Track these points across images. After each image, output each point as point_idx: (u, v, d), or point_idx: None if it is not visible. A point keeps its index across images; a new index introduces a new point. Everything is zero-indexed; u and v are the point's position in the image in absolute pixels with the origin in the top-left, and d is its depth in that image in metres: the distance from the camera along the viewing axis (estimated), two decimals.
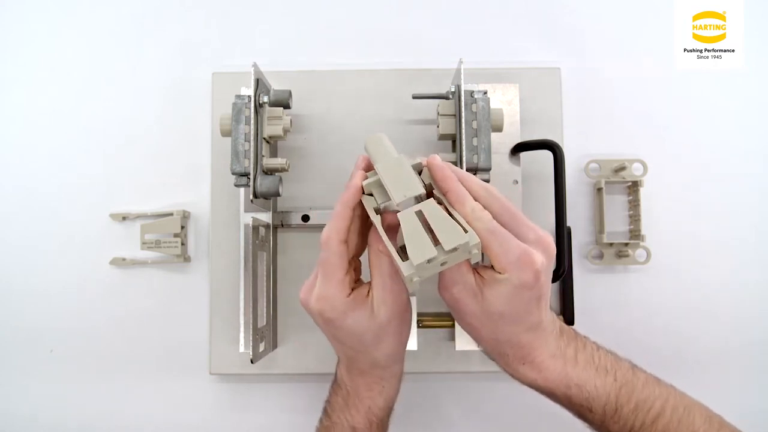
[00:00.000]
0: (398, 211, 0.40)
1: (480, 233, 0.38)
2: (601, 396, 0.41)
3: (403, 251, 0.39)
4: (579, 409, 0.42)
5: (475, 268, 0.41)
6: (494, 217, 0.40)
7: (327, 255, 0.42)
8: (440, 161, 0.42)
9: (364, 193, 0.42)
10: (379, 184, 0.41)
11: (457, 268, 0.40)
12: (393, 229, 0.42)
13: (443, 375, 0.66)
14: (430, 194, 0.42)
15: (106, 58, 0.69)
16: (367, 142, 0.44)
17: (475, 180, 0.42)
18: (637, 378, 0.43)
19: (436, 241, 0.38)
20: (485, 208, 0.40)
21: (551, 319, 0.43)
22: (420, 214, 0.39)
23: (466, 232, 0.38)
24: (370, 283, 0.43)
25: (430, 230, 0.38)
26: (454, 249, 0.37)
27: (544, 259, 0.39)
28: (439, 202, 0.40)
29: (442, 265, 0.38)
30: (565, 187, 0.58)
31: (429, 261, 0.37)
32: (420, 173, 0.42)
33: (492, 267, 0.40)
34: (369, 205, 0.42)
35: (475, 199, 0.40)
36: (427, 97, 0.61)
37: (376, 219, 0.41)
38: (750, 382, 0.66)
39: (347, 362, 0.47)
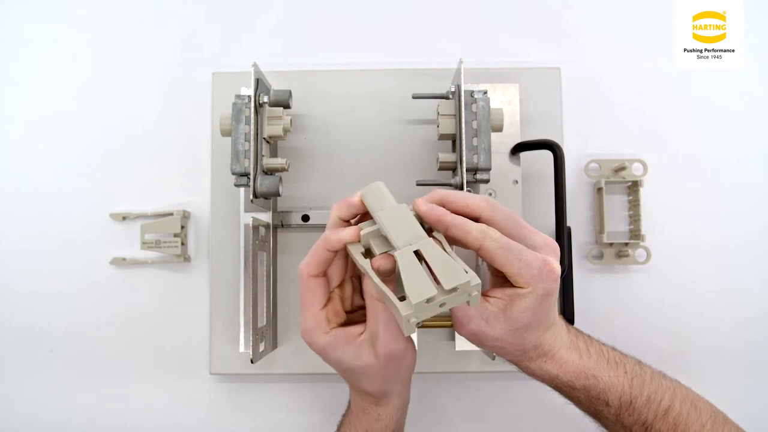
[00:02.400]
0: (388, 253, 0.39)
1: (494, 253, 0.37)
2: (615, 387, 0.42)
3: (398, 294, 0.37)
4: (596, 403, 0.42)
5: (486, 293, 0.40)
6: (502, 230, 0.39)
7: (301, 291, 0.42)
8: (425, 204, 0.40)
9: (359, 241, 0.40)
10: (378, 234, 0.39)
11: (467, 304, 0.39)
12: (384, 274, 0.39)
13: (443, 375, 0.66)
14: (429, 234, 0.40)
15: (106, 58, 0.69)
16: (366, 194, 0.41)
17: (471, 196, 0.41)
18: (645, 371, 0.43)
19: (435, 282, 0.36)
20: (490, 222, 0.39)
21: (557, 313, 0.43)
22: (418, 254, 0.37)
23: (466, 272, 0.36)
24: (365, 326, 0.42)
25: (428, 270, 0.37)
26: (455, 289, 0.35)
27: (558, 263, 0.39)
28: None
29: (440, 306, 0.36)
30: (565, 187, 0.58)
31: (428, 301, 0.35)
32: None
33: (508, 284, 0.39)
34: (356, 251, 0.40)
35: (477, 216, 0.39)
36: (427, 97, 0.61)
37: (365, 263, 0.39)
38: (750, 381, 0.66)
39: (351, 392, 0.47)
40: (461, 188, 0.55)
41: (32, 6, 0.69)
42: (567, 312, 0.63)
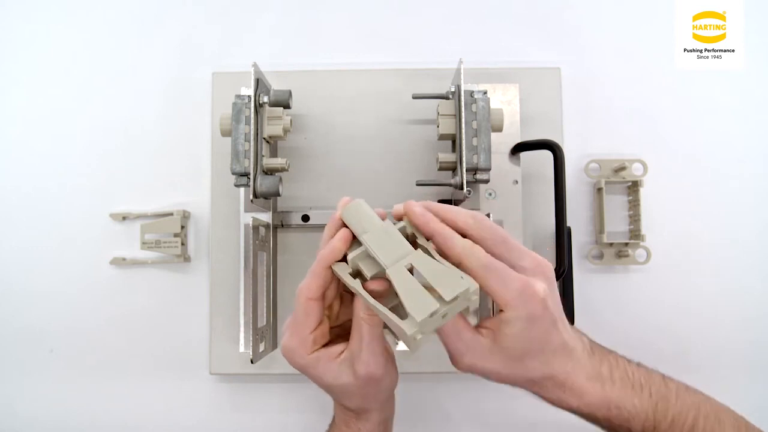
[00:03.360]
0: (377, 276, 0.38)
1: (475, 271, 0.37)
2: (640, 414, 0.40)
3: (394, 311, 0.37)
4: (618, 428, 0.41)
5: (477, 327, 0.40)
6: (488, 249, 0.38)
7: (297, 310, 0.41)
8: (418, 206, 0.39)
9: (346, 260, 0.40)
10: (366, 255, 0.39)
11: (458, 338, 0.38)
12: (376, 296, 0.39)
13: (443, 375, 0.65)
14: (414, 245, 0.39)
15: (105, 57, 0.69)
16: (346, 214, 0.40)
17: (460, 211, 0.40)
18: (670, 390, 0.42)
19: (433, 294, 0.35)
20: (476, 240, 0.38)
21: (577, 337, 0.41)
22: (410, 269, 0.37)
23: (462, 278, 0.35)
24: (346, 344, 0.42)
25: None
26: (455, 298, 0.35)
27: (546, 286, 0.38)
28: (426, 252, 0.38)
29: (443, 317, 0.36)
30: (565, 187, 0.58)
31: (432, 315, 0.34)
32: (400, 224, 0.40)
33: (495, 312, 0.39)
34: (342, 271, 0.39)
35: (465, 231, 0.39)
36: (427, 97, 0.61)
37: (355, 283, 0.39)
38: (750, 381, 0.66)
39: (335, 407, 0.47)
40: (461, 188, 0.55)
41: (32, 6, 0.69)
42: (567, 312, 0.62)
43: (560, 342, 0.39)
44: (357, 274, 0.40)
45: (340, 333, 0.44)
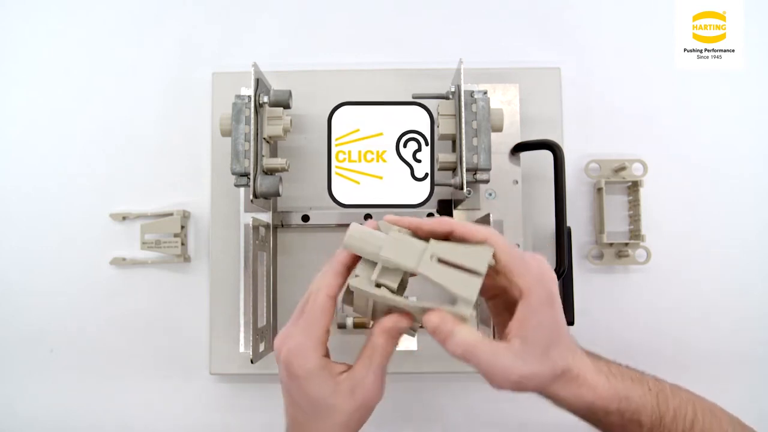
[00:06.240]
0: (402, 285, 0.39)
1: (500, 247, 0.38)
2: (646, 405, 0.40)
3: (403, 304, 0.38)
4: (629, 425, 0.41)
5: (503, 338, 0.39)
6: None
7: (313, 307, 0.40)
8: (434, 219, 0.40)
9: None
10: (385, 270, 0.39)
11: (493, 355, 0.37)
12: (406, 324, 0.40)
13: (443, 375, 0.65)
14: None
15: (106, 58, 0.69)
16: (351, 243, 0.40)
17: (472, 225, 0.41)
18: (664, 385, 0.42)
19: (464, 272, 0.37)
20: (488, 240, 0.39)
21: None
22: (434, 258, 0.38)
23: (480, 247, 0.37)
24: (348, 366, 0.41)
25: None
26: (488, 267, 0.36)
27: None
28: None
29: (480, 288, 0.37)
30: (565, 187, 0.58)
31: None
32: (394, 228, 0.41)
33: (510, 319, 0.39)
34: (362, 284, 0.39)
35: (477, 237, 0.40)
36: (427, 97, 0.61)
37: (380, 292, 0.38)
38: (751, 382, 0.66)
39: (290, 429, 0.43)
40: (461, 188, 0.55)
41: (32, 6, 0.69)
42: (567, 312, 0.62)
43: (567, 332, 0.40)
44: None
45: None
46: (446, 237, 0.39)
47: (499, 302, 0.43)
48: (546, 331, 0.38)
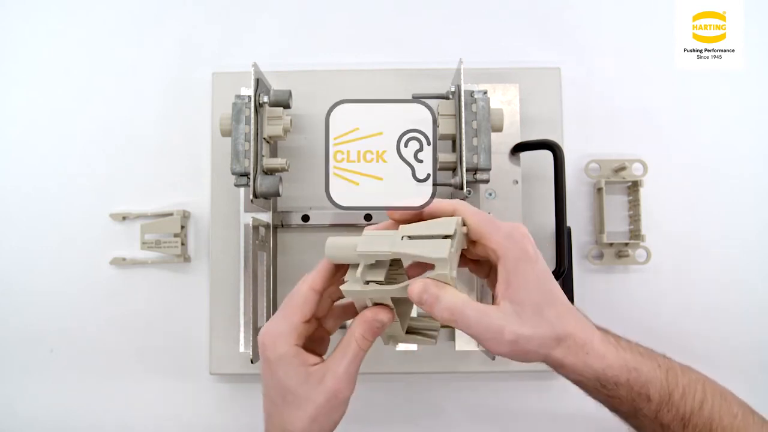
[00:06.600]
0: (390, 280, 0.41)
1: (469, 214, 0.40)
2: (655, 380, 0.40)
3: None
4: (638, 399, 0.40)
5: (494, 302, 0.39)
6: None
7: (294, 296, 0.41)
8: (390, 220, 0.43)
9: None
10: (367, 268, 0.41)
11: (485, 319, 0.37)
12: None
13: (443, 375, 0.65)
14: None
15: (106, 57, 0.69)
16: (330, 253, 0.42)
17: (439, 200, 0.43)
18: (674, 363, 0.42)
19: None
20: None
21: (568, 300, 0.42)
22: (406, 238, 0.40)
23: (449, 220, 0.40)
24: (324, 361, 0.41)
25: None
26: (455, 232, 0.38)
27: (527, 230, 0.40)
28: None
29: (456, 252, 0.39)
30: (565, 187, 0.58)
31: (450, 250, 0.37)
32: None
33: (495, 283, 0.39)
34: (351, 286, 0.40)
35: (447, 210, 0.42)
36: (427, 97, 0.61)
37: (369, 287, 0.40)
38: (751, 382, 0.66)
39: (266, 420, 0.43)
40: (461, 188, 0.55)
41: (32, 6, 0.69)
42: None
43: (563, 297, 0.40)
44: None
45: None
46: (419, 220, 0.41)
47: (493, 279, 0.42)
48: (533, 289, 0.38)
